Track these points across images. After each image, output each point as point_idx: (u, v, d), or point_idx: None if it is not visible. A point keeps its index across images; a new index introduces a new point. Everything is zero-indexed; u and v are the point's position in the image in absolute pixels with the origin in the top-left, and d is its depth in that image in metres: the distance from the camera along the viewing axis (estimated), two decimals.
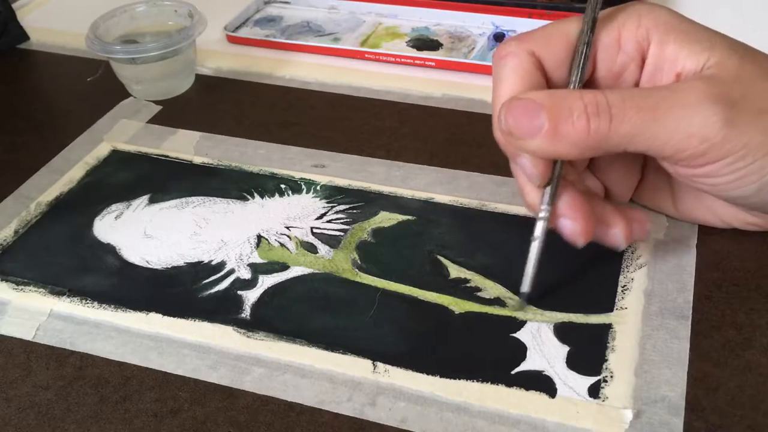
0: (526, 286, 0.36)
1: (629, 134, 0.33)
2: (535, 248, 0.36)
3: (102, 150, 0.49)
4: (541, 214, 0.36)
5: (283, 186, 0.45)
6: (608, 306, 0.36)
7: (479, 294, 0.37)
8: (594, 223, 0.36)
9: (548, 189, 0.36)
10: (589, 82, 0.37)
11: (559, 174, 0.35)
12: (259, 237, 0.42)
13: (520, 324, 0.36)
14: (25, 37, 0.62)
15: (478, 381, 0.33)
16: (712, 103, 0.32)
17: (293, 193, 0.44)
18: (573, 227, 0.36)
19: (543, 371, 0.34)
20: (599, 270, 0.38)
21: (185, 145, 0.49)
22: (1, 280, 0.40)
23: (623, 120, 0.32)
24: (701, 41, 0.34)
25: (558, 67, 0.36)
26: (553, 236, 0.37)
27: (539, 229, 0.36)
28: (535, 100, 0.33)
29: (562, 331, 0.35)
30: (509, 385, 0.33)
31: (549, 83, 0.36)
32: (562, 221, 0.36)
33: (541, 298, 0.37)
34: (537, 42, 0.36)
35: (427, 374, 0.34)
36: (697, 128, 0.32)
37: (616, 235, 0.37)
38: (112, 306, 0.38)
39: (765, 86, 0.33)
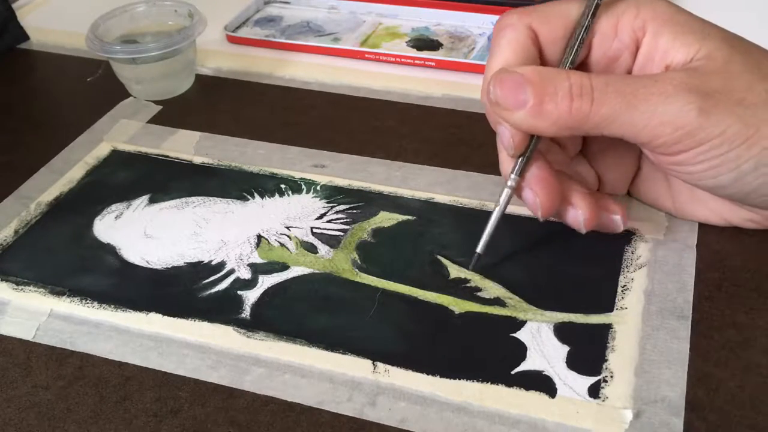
0: (480, 247, 0.37)
1: (608, 117, 0.34)
2: (495, 213, 0.37)
3: (102, 150, 0.49)
4: (508, 183, 0.37)
5: (283, 186, 0.45)
6: (608, 306, 0.36)
7: (479, 294, 0.37)
8: (556, 201, 0.37)
9: (520, 161, 0.37)
10: (582, 65, 0.38)
11: (533, 149, 0.37)
12: (259, 237, 0.42)
13: (520, 324, 0.36)
14: (25, 37, 0.62)
15: (478, 381, 0.33)
16: (687, 93, 0.33)
17: (293, 193, 0.44)
18: (534, 200, 0.37)
19: (543, 371, 0.34)
20: (599, 270, 0.38)
21: (185, 145, 0.49)
22: (1, 280, 0.40)
23: (603, 103, 0.33)
24: (694, 33, 0.35)
25: (553, 44, 0.37)
26: (554, 237, 0.37)
27: (504, 196, 0.37)
28: (523, 75, 0.34)
29: (562, 331, 0.35)
30: (509, 385, 0.33)
31: (542, 59, 0.37)
32: (525, 192, 0.37)
33: (541, 297, 0.37)
34: (537, 17, 0.37)
35: (427, 374, 0.34)
36: (672, 116, 0.33)
37: (577, 216, 0.37)
38: (112, 306, 0.38)
39: (750, 78, 0.34)
